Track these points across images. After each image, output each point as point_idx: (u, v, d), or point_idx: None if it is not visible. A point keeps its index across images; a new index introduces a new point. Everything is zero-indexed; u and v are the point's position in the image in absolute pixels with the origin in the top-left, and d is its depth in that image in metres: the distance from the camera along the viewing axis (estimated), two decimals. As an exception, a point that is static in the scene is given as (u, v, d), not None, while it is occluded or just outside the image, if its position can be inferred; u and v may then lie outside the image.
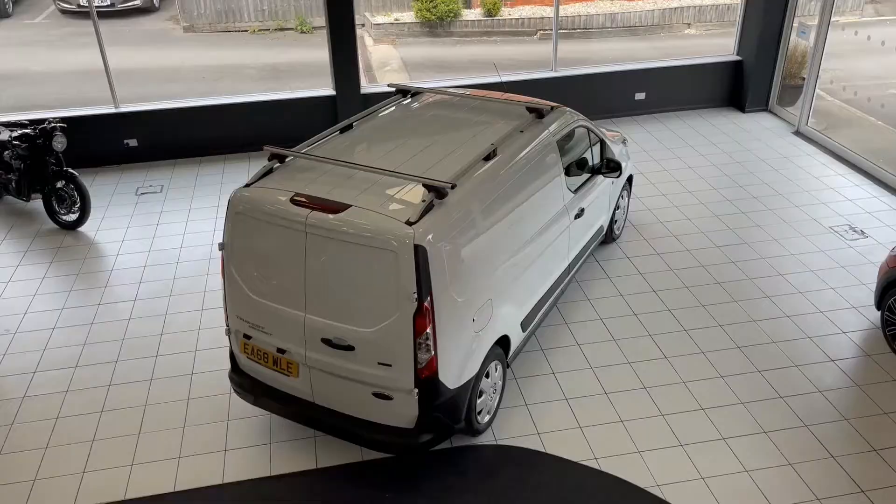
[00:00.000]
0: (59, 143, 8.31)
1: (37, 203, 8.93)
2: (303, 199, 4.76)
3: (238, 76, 12.78)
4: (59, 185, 8.36)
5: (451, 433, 5.11)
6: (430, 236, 4.54)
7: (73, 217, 8.49)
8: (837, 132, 10.05)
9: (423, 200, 4.67)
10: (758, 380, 6.04)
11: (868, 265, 7.45)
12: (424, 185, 4.75)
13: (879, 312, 6.48)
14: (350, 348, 4.76)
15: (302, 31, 14.76)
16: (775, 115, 11.14)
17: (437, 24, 14.49)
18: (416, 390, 4.73)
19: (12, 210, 8.95)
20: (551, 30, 15.01)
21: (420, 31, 14.64)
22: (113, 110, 9.86)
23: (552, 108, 6.29)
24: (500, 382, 5.65)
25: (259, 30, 14.73)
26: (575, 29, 14.89)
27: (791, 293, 7.07)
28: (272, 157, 5.28)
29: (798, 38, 10.64)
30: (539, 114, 6.12)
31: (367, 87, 10.28)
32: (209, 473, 5.32)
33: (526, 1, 15.08)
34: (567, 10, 14.95)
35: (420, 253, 4.48)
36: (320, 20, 15.32)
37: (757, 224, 8.28)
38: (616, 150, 7.37)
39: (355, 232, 4.57)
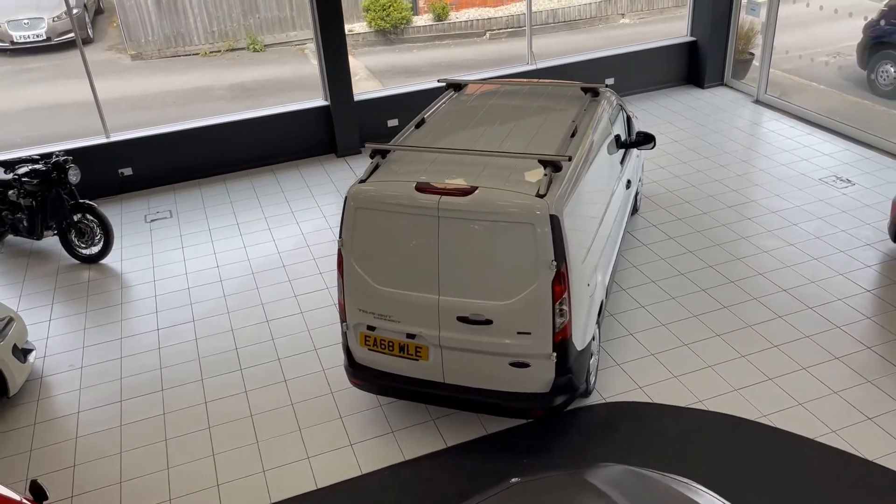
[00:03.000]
0: (74, 175, 8.10)
1: (46, 241, 8.63)
2: (429, 187, 4.98)
3: (207, 98, 12.63)
4: (76, 217, 8.13)
5: (577, 394, 5.42)
6: (559, 206, 4.86)
7: (95, 250, 8.26)
8: (793, 98, 10.96)
9: (545, 174, 4.98)
10: (812, 315, 6.64)
11: (865, 208, 8.25)
12: (541, 161, 5.06)
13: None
14: (488, 322, 5.00)
15: (255, 51, 14.70)
16: (732, 87, 12.01)
17: (390, 31, 14.75)
18: (554, 354, 5.03)
19: (19, 251, 8.61)
20: (499, 30, 15.57)
21: (374, 39, 14.87)
22: (104, 140, 9.63)
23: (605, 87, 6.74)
24: (598, 345, 6.01)
25: (210, 52, 14.56)
26: (521, 27, 15.45)
27: (810, 239, 7.76)
28: (374, 153, 5.46)
29: (747, 16, 11.53)
30: (595, 93, 6.53)
31: (359, 94, 10.44)
32: (345, 467, 5.42)
33: (470, 3, 15.55)
34: (511, 9, 15.53)
35: (555, 222, 4.79)
36: (271, 38, 15.31)
37: (755, 183, 8.99)
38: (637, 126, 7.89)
39: (491, 210, 4.82)
